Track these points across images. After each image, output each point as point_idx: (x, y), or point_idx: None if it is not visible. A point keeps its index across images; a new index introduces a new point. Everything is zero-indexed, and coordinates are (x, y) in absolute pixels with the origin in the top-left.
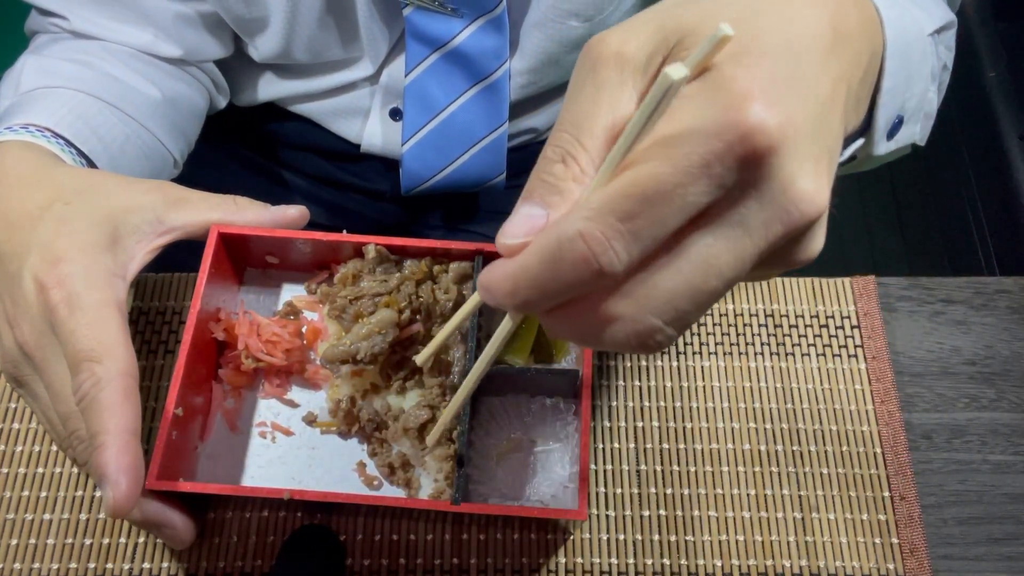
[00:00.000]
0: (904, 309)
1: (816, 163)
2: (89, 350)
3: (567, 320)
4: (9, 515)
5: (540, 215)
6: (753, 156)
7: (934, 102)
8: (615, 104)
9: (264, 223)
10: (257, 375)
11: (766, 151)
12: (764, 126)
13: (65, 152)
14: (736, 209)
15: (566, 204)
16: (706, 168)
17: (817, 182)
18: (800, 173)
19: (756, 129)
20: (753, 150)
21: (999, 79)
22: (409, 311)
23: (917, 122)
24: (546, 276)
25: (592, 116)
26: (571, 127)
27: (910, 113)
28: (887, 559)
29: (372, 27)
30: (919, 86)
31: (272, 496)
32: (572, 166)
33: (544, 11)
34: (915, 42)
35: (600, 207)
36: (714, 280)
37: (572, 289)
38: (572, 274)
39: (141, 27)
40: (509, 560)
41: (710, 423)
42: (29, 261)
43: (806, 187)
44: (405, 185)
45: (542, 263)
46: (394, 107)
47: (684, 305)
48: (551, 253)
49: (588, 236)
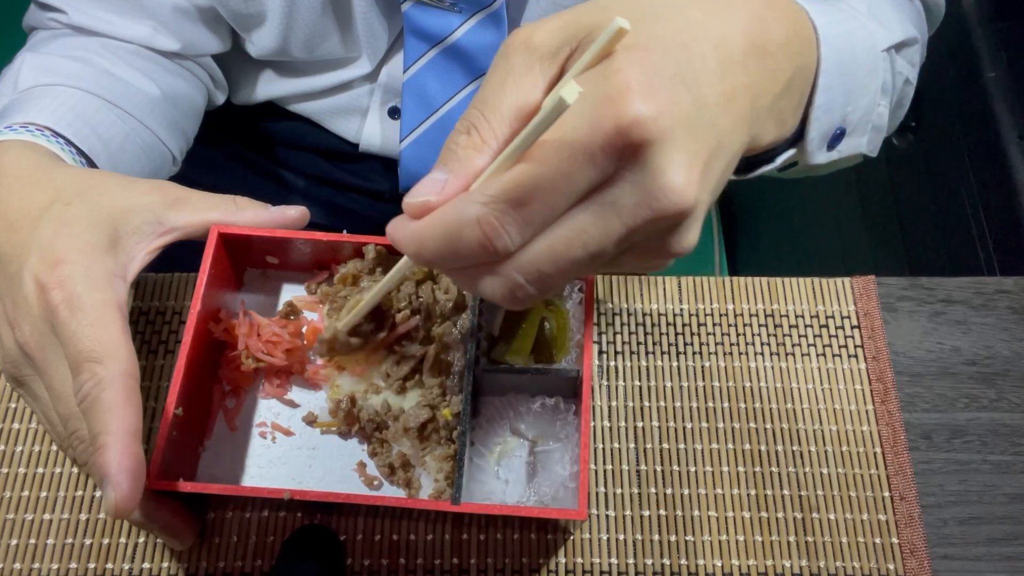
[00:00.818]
0: (904, 309)
1: (691, 158)
2: (90, 351)
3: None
4: (9, 515)
5: (441, 179)
6: (629, 146)
7: (884, 116)
8: (520, 85)
9: (264, 223)
10: (257, 375)
11: (642, 143)
12: (640, 118)
13: (64, 151)
14: (611, 191)
15: (465, 170)
16: (589, 157)
17: (688, 176)
18: (671, 166)
19: (633, 121)
20: (630, 141)
21: (999, 79)
22: (408, 311)
23: (864, 134)
24: (446, 249)
25: (498, 94)
26: (479, 103)
27: (854, 125)
28: (887, 559)
29: (370, 22)
30: (864, 100)
31: (272, 496)
32: (474, 136)
33: (544, 7)
34: (862, 56)
35: (496, 195)
36: (578, 250)
37: (468, 261)
38: (469, 252)
39: (139, 20)
40: (509, 560)
41: (710, 423)
42: (29, 262)
43: (676, 179)
44: (404, 183)
45: (443, 240)
46: (393, 106)
47: (546, 268)
48: (451, 234)
49: (484, 223)
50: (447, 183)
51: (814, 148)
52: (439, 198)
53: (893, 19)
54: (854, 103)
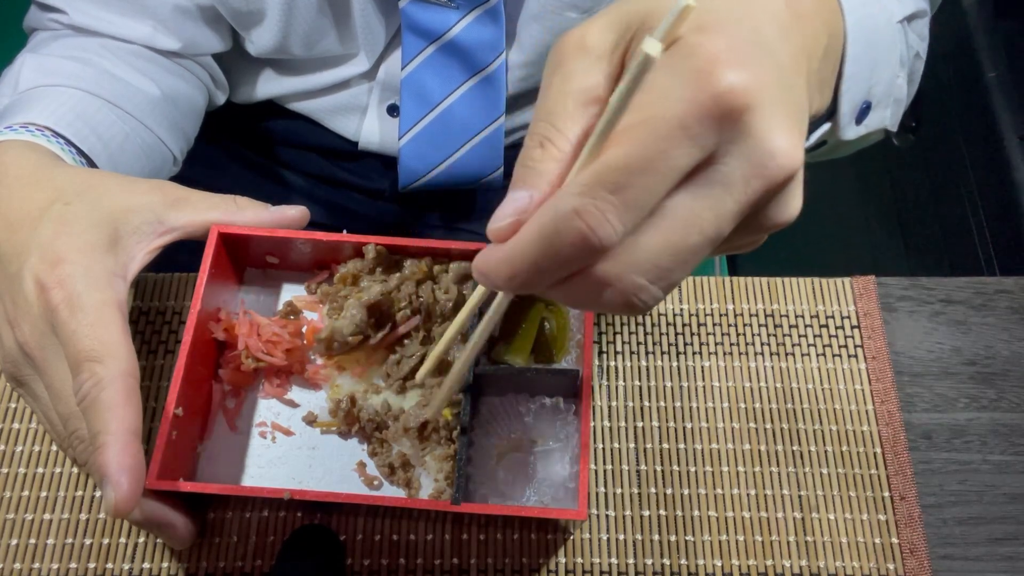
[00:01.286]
0: (904, 309)
1: (788, 119)
2: (90, 350)
3: (562, 291)
4: (9, 515)
5: (524, 197)
6: (728, 115)
7: (903, 89)
8: (585, 88)
9: (264, 223)
10: (257, 375)
11: (741, 109)
12: (735, 86)
13: (65, 151)
14: (716, 168)
15: (547, 183)
16: (685, 132)
17: (791, 138)
18: (775, 128)
19: (728, 89)
20: (729, 109)
21: (999, 79)
22: (409, 311)
23: (887, 107)
24: (545, 257)
25: (564, 102)
26: (545, 115)
27: (878, 99)
28: (887, 559)
29: (368, 19)
30: (887, 72)
31: (272, 496)
32: (550, 148)
33: (542, 3)
34: (882, 28)
35: (590, 182)
36: (696, 237)
37: (570, 265)
38: (571, 251)
39: (140, 19)
40: (509, 560)
41: (710, 423)
42: (30, 262)
43: (782, 142)
44: (403, 180)
45: (540, 245)
46: (391, 103)
47: (667, 263)
48: (548, 233)
49: (583, 212)
50: (531, 198)
51: (845, 122)
52: (528, 215)
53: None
54: (877, 75)
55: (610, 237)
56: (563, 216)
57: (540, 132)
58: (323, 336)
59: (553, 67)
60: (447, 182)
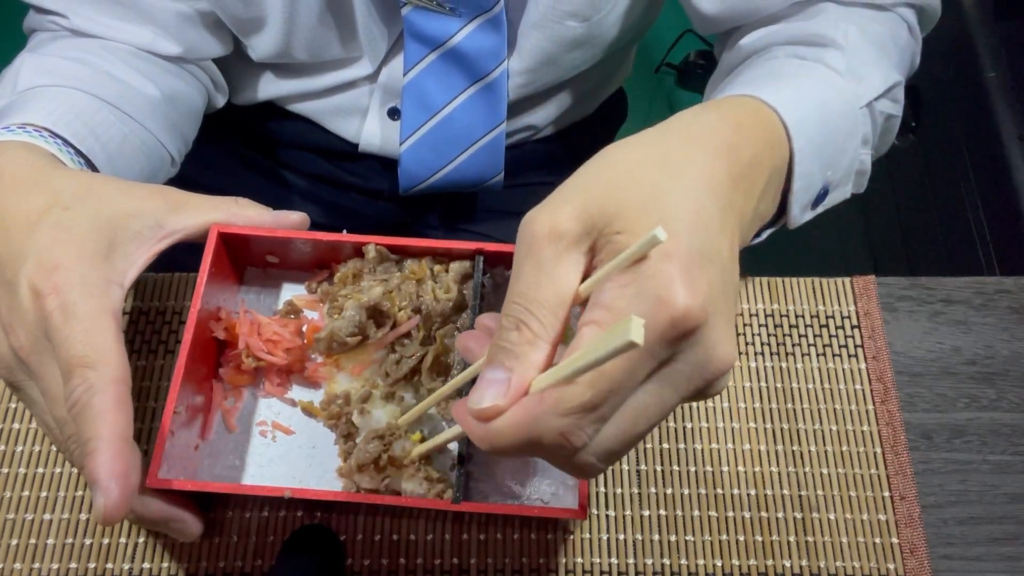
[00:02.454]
0: (904, 309)
1: (728, 323)
2: (82, 356)
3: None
4: (9, 515)
5: (502, 379)
6: (683, 335)
7: (867, 162)
8: (555, 276)
9: (266, 226)
10: (257, 374)
11: (693, 329)
12: (690, 310)
13: (63, 152)
14: (666, 371)
15: (523, 366)
16: (650, 355)
17: (731, 342)
18: (720, 339)
19: (684, 315)
20: (684, 331)
21: (999, 79)
22: (409, 311)
23: (848, 184)
24: (523, 451)
25: (536, 288)
26: (519, 298)
27: (837, 183)
28: (887, 559)
29: (371, 26)
30: (845, 160)
31: (272, 495)
32: (525, 331)
33: (542, 11)
34: (840, 122)
35: (574, 408)
36: (643, 426)
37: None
38: (546, 451)
39: (140, 25)
40: (509, 560)
41: (710, 423)
42: (26, 267)
43: (724, 350)
44: (403, 185)
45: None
46: (392, 106)
47: (617, 448)
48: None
49: (567, 432)
50: (511, 383)
51: (797, 216)
52: (507, 401)
53: (873, 71)
54: (834, 166)
55: (584, 443)
56: (548, 430)
57: (515, 315)
58: (322, 336)
59: (526, 249)
60: (448, 186)
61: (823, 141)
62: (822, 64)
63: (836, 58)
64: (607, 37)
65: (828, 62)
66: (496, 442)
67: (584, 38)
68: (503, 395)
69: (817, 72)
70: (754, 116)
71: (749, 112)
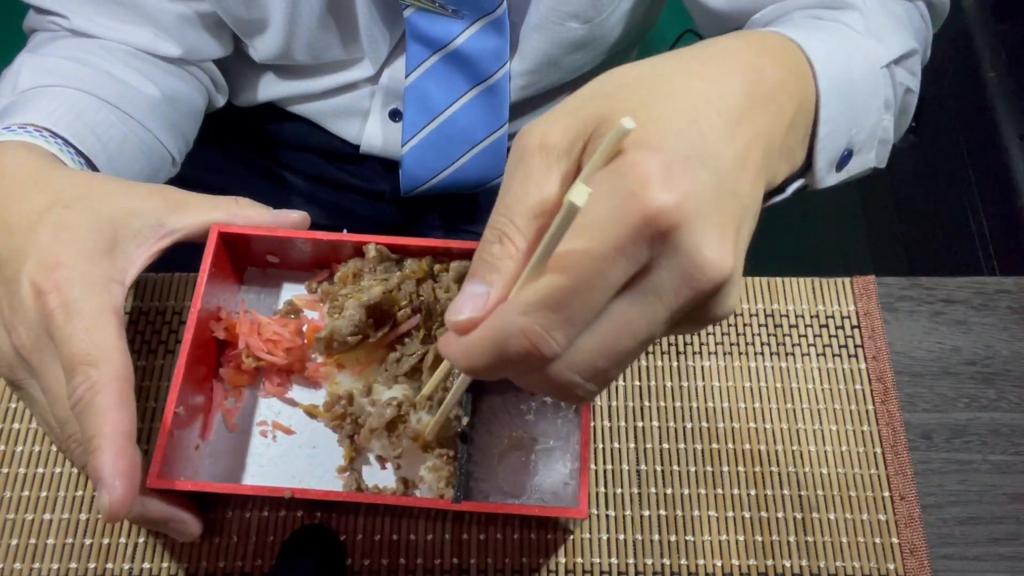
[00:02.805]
0: (904, 309)
1: (720, 231)
2: (85, 354)
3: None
4: (9, 515)
5: (482, 292)
6: (659, 235)
7: (890, 129)
8: (541, 188)
9: (266, 225)
10: (258, 374)
11: (669, 228)
12: (664, 207)
13: (63, 152)
14: (649, 278)
15: (503, 280)
16: (621, 252)
17: (721, 249)
18: (703, 243)
19: (657, 211)
20: (658, 230)
21: (999, 79)
22: (409, 310)
23: (871, 150)
24: (497, 362)
25: (522, 200)
26: (505, 210)
27: (860, 145)
28: (887, 559)
29: (372, 28)
30: (869, 119)
31: (272, 495)
32: (508, 245)
33: (544, 13)
34: (863, 79)
35: (534, 303)
36: (629, 341)
37: (520, 368)
38: (519, 361)
39: (141, 26)
40: (509, 560)
41: (710, 423)
42: (27, 266)
43: (710, 255)
44: (405, 186)
45: (492, 354)
46: (394, 108)
47: (601, 364)
48: (498, 347)
49: (528, 332)
50: (489, 295)
51: (823, 174)
52: (483, 312)
53: (891, 33)
54: (858, 125)
55: (553, 352)
56: (511, 334)
57: (499, 228)
58: (322, 336)
59: (515, 161)
60: (449, 187)
61: (848, 89)
62: (840, 23)
63: (855, 18)
64: (608, 39)
65: (847, 22)
66: (471, 356)
67: (586, 40)
68: (481, 308)
69: (837, 28)
70: (780, 46)
71: (774, 41)
